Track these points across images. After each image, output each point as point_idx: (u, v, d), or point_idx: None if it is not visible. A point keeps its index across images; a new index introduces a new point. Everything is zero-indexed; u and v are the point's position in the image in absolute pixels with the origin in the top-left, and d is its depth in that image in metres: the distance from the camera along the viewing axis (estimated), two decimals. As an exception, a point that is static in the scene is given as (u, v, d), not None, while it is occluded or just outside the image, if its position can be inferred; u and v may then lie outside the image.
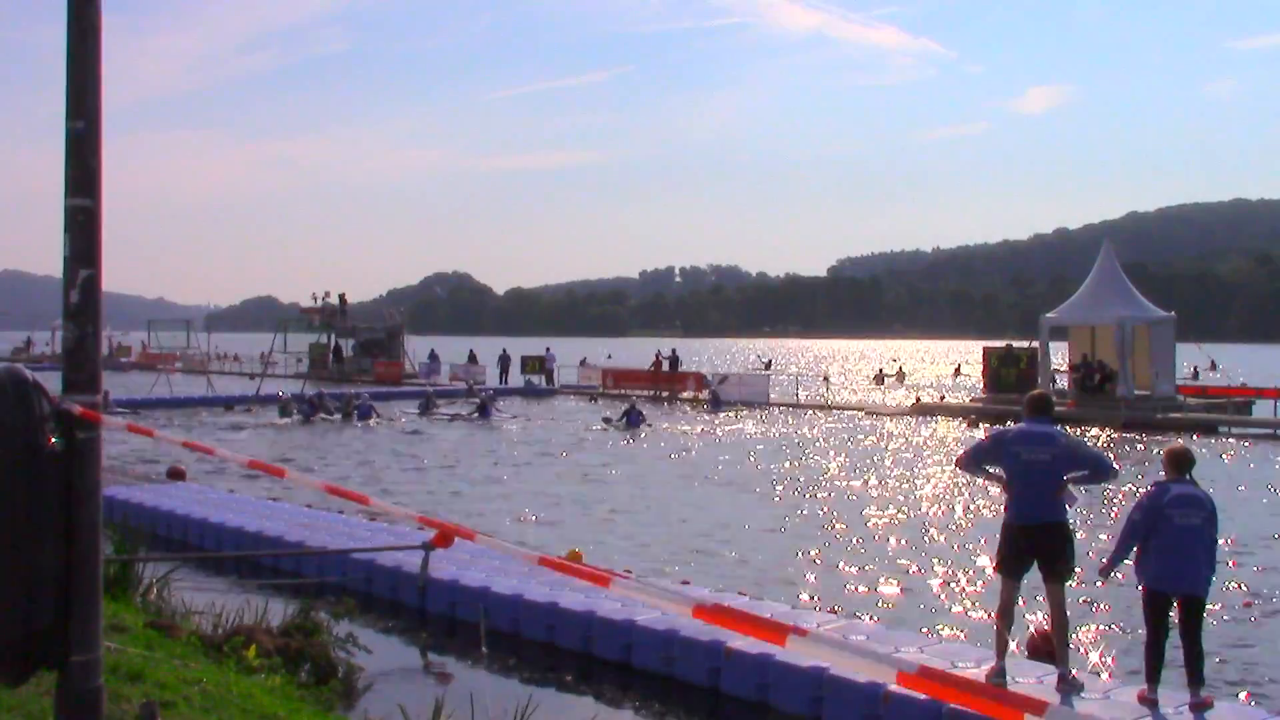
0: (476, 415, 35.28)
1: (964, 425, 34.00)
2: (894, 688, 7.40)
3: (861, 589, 12.51)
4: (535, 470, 23.14)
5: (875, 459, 25.41)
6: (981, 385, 41.32)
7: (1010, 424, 8.92)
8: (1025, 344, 40.21)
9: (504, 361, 53.59)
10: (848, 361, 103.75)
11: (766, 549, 14.82)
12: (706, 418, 36.97)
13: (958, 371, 71.12)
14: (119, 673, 5.59)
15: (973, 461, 8.20)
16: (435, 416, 35.69)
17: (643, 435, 30.49)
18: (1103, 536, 15.37)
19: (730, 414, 38.12)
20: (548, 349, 55.73)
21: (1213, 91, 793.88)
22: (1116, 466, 8.49)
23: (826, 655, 2.30)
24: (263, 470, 4.57)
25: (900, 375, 66.04)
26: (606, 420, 32.97)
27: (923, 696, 7.31)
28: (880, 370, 66.54)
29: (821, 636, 2.34)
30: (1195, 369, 58.48)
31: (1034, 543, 7.72)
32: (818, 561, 14.04)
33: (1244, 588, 12.56)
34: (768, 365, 75.99)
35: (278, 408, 35.02)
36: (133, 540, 10.07)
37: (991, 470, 8.09)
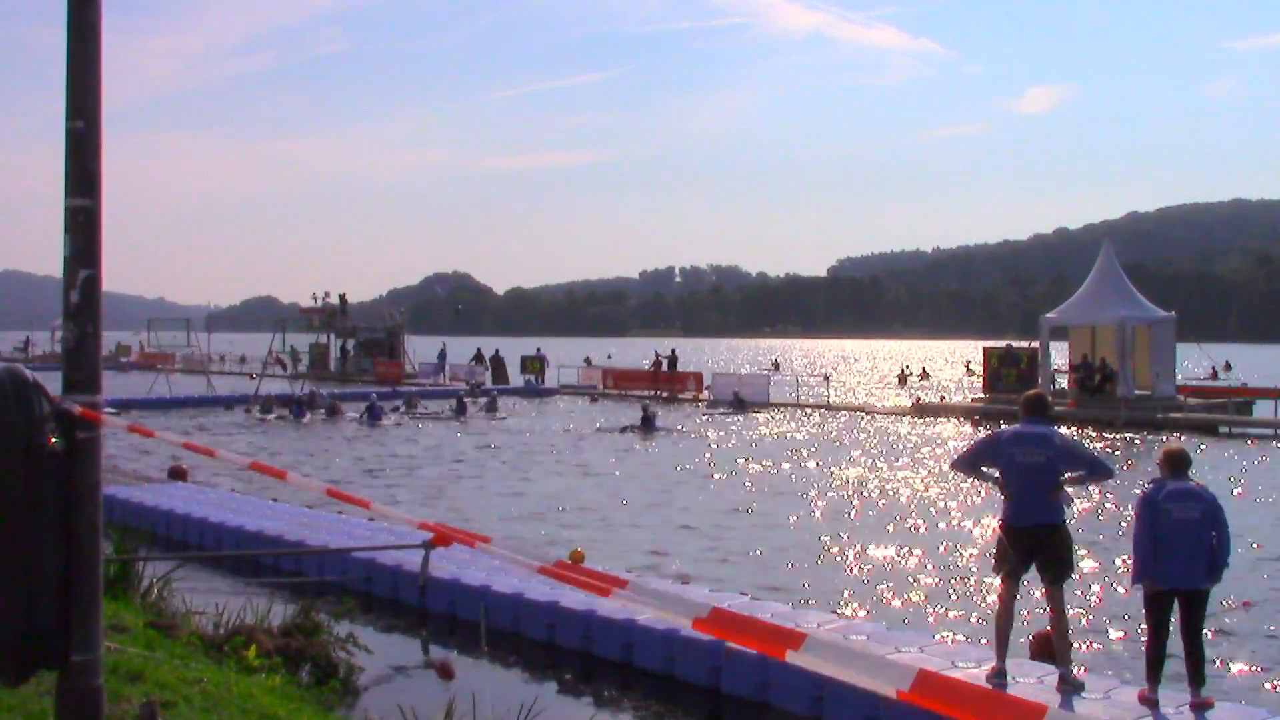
0: (451, 414, 35.60)
1: (966, 424, 33.99)
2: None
3: (862, 589, 12.51)
4: (532, 473, 23.15)
5: (875, 459, 25.40)
6: (982, 385, 41.30)
7: (1003, 424, 8.90)
8: (1025, 344, 40.19)
9: (496, 361, 54.45)
10: (859, 362, 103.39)
11: (766, 548, 14.80)
12: (715, 419, 36.97)
13: (968, 370, 71.14)
14: (119, 673, 5.59)
15: (969, 463, 8.20)
16: (416, 415, 35.98)
17: (657, 439, 30.33)
18: (1101, 538, 15.38)
19: (741, 416, 37.98)
20: (538, 349, 55.59)
21: (1213, 91, 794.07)
22: (1113, 467, 8.47)
23: (827, 668, 2.31)
24: (264, 472, 4.56)
25: (924, 375, 66.01)
26: (625, 429, 31.31)
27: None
28: (902, 371, 66.54)
29: (822, 642, 2.35)
30: (1214, 369, 58.42)
31: (1031, 544, 7.70)
32: (818, 561, 14.05)
33: (1243, 588, 12.55)
34: (776, 366, 75.77)
35: (260, 405, 35.86)
36: (133, 540, 10.10)
37: (988, 471, 8.09)
